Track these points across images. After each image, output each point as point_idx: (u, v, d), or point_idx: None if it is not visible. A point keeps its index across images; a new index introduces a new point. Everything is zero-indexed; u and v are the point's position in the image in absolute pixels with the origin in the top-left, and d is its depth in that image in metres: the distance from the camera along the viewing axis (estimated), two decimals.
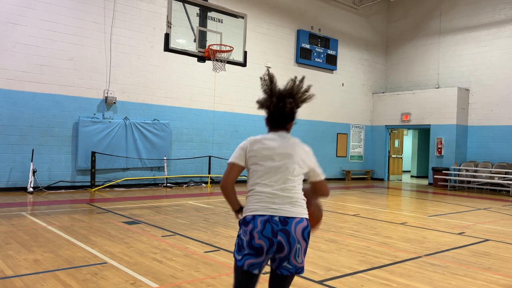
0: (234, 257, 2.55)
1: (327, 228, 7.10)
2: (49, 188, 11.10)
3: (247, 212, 2.52)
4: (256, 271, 2.51)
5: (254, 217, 2.47)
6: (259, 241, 2.42)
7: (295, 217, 2.48)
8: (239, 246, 2.52)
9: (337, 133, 18.37)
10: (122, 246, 5.45)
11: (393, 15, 20.06)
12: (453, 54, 17.68)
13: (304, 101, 2.66)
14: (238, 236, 2.55)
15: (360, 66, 19.19)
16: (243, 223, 2.52)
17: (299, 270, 2.55)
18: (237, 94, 14.81)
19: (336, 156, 18.34)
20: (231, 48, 9.39)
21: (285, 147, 2.57)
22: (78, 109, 11.63)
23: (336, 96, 18.25)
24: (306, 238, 2.50)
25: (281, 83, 2.68)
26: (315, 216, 2.71)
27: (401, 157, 20.11)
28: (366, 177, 19.21)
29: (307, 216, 2.55)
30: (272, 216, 2.45)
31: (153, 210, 8.49)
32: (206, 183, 13.88)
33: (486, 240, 6.63)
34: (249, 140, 2.61)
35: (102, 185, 11.86)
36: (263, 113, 2.68)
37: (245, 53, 9.89)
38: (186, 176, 13.57)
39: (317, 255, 5.32)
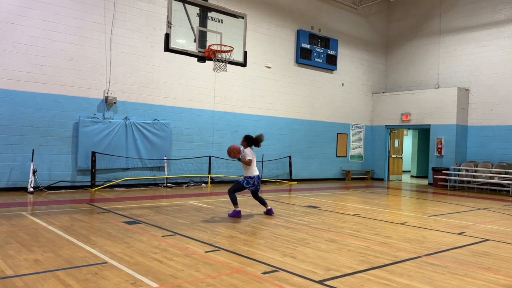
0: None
1: (327, 228, 7.11)
2: (49, 188, 11.11)
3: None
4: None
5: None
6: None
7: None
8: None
9: (337, 133, 18.38)
10: (122, 246, 5.45)
11: (393, 15, 20.06)
12: (453, 54, 17.69)
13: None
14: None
15: (360, 66, 19.20)
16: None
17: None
18: (237, 94, 14.81)
19: (336, 156, 18.35)
20: (231, 48, 9.40)
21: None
22: (78, 109, 11.64)
23: (336, 96, 18.26)
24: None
25: (281, 83, 2.70)
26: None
27: (401, 157, 20.11)
28: (366, 177, 19.22)
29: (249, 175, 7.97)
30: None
31: (153, 210, 8.49)
32: (206, 183, 13.89)
33: (486, 240, 6.64)
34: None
35: (102, 185, 11.87)
36: (263, 113, 2.72)
37: (245, 53, 9.90)
38: (186, 176, 13.58)
39: (317, 255, 5.32)
